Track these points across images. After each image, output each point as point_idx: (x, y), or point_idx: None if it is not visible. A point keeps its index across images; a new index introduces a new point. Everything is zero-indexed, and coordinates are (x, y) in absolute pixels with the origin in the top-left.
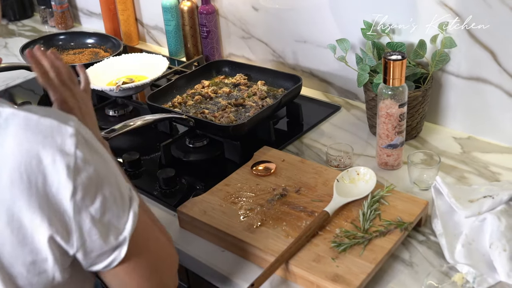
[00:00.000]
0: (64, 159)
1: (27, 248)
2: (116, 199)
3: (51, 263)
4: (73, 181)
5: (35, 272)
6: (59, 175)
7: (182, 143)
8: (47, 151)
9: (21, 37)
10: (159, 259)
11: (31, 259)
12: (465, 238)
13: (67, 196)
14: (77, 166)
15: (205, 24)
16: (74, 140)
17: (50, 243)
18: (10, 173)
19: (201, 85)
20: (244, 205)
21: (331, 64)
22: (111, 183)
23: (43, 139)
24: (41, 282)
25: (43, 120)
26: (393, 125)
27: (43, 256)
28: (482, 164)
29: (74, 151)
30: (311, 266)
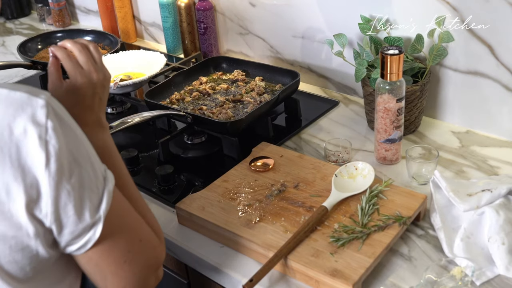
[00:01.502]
0: (36, 129)
1: (6, 222)
2: (90, 176)
3: (32, 237)
4: (45, 150)
5: (17, 248)
6: (31, 145)
7: (180, 140)
8: (18, 122)
9: (18, 35)
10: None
11: (11, 234)
12: (464, 232)
13: (41, 166)
14: (49, 135)
15: (202, 21)
16: (45, 111)
17: (28, 216)
18: None
19: (199, 81)
20: (242, 201)
21: (329, 60)
22: (84, 160)
23: (13, 111)
24: (26, 258)
25: (13, 94)
26: (391, 120)
27: (24, 230)
28: (480, 158)
29: (45, 121)
30: (309, 261)
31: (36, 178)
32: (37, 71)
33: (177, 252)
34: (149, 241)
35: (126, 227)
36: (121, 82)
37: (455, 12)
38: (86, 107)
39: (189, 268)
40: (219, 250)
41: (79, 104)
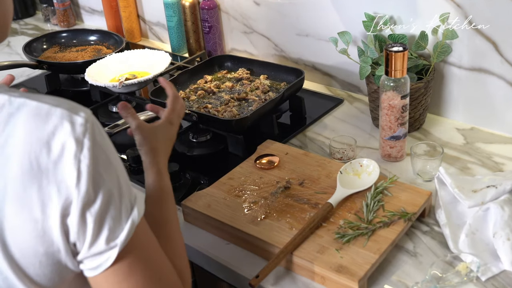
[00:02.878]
0: (72, 147)
1: (39, 239)
2: (116, 202)
3: (63, 253)
4: (77, 169)
5: (48, 263)
6: (67, 162)
7: (185, 138)
8: (57, 139)
9: (23, 35)
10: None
11: (43, 250)
12: (469, 228)
13: (73, 184)
14: (83, 154)
15: (207, 20)
16: (83, 129)
17: (61, 232)
18: (20, 161)
19: (204, 80)
20: (248, 198)
21: (333, 57)
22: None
23: (53, 128)
24: (55, 271)
25: (53, 110)
26: (395, 117)
27: (55, 247)
28: (485, 155)
29: (82, 139)
30: (315, 257)
31: (69, 195)
32: (43, 71)
33: None
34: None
35: (145, 262)
36: (126, 81)
37: (459, 9)
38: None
39: (195, 265)
40: (225, 247)
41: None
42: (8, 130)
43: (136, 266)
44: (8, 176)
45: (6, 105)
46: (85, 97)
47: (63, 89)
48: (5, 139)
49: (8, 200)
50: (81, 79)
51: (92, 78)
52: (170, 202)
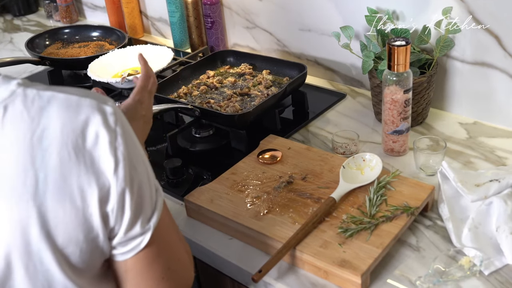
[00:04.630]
0: (107, 135)
1: (79, 227)
2: (146, 186)
3: (102, 239)
4: (114, 155)
5: (88, 249)
6: (103, 150)
7: (188, 133)
8: (91, 128)
9: (26, 32)
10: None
11: (83, 237)
12: (472, 222)
13: (111, 171)
14: (118, 142)
15: (209, 15)
16: (114, 118)
17: (101, 219)
18: (58, 152)
19: (206, 75)
20: (251, 193)
21: (336, 52)
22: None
23: (85, 117)
24: (95, 257)
25: (83, 100)
26: (398, 111)
27: (95, 233)
28: (488, 149)
29: (115, 127)
30: (318, 252)
31: (108, 181)
32: (45, 67)
33: None
34: (185, 262)
35: (169, 243)
36: (128, 76)
37: (462, 3)
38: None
39: (198, 260)
40: (227, 242)
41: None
42: (43, 123)
43: (164, 247)
44: (48, 168)
45: (36, 99)
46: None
47: (66, 85)
48: (41, 132)
49: (50, 192)
50: (83, 75)
51: (94, 74)
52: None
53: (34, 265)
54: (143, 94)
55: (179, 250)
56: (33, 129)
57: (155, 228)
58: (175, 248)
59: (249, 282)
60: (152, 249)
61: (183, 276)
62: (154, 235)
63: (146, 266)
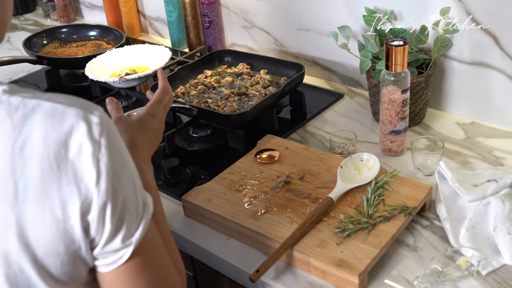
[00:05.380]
0: (90, 146)
1: (61, 239)
2: (132, 200)
3: (84, 251)
4: (97, 167)
5: (69, 261)
6: (85, 162)
7: (185, 133)
8: (74, 139)
9: (24, 31)
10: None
11: (64, 249)
12: (469, 222)
13: (93, 183)
14: (102, 153)
15: (207, 14)
16: (100, 128)
17: (83, 230)
18: (40, 163)
19: (204, 75)
20: (248, 193)
21: (334, 52)
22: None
23: (69, 127)
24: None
25: (68, 109)
26: (396, 111)
27: (77, 245)
28: (486, 149)
29: (99, 138)
30: (315, 251)
31: (89, 193)
32: (43, 66)
33: (183, 245)
34: (173, 279)
35: (155, 259)
36: (126, 76)
37: (459, 3)
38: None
39: (195, 260)
40: (225, 242)
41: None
42: (25, 132)
43: (147, 263)
44: (28, 178)
45: (20, 107)
46: (85, 92)
47: (63, 84)
48: (23, 141)
49: (29, 202)
50: (81, 74)
51: (92, 74)
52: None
53: (14, 273)
54: (158, 108)
55: (165, 266)
56: (15, 138)
57: (138, 243)
58: (161, 264)
59: (247, 282)
60: (135, 264)
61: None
62: (137, 250)
63: (127, 280)
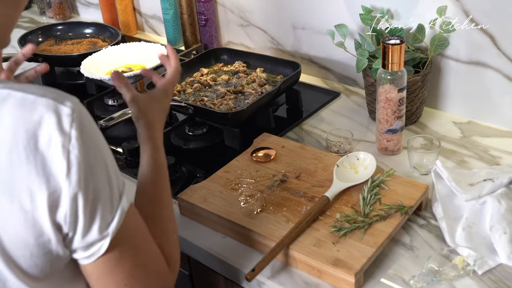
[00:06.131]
0: (60, 137)
1: (29, 230)
2: (106, 191)
3: (54, 243)
4: (67, 159)
5: (39, 253)
6: (55, 153)
7: (181, 131)
8: (44, 130)
9: (19, 28)
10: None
11: (34, 241)
12: (466, 221)
13: (63, 175)
14: (72, 145)
15: (203, 12)
16: (70, 119)
17: (51, 223)
18: (9, 153)
19: (200, 73)
20: (244, 192)
21: (330, 51)
22: (102, 173)
23: (39, 118)
24: (47, 261)
25: (40, 100)
26: (392, 110)
27: (46, 237)
28: (482, 148)
29: (70, 129)
30: (311, 251)
31: (58, 185)
32: (38, 64)
33: None
34: (157, 269)
35: (134, 249)
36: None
37: (456, 2)
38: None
39: (191, 259)
40: (221, 241)
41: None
42: None
43: (126, 253)
44: None
45: None
46: (80, 90)
47: (59, 82)
48: None
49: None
50: (76, 72)
51: (87, 71)
52: (165, 180)
53: None
54: (170, 87)
55: (148, 257)
56: None
57: (115, 233)
58: (142, 256)
59: (243, 281)
60: (114, 255)
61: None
62: (115, 241)
63: (108, 272)
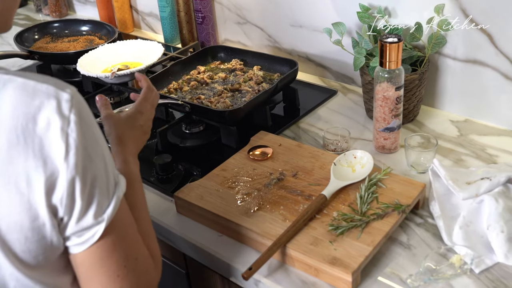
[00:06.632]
0: (59, 121)
1: (24, 213)
2: (102, 177)
3: (48, 228)
4: (65, 142)
5: (34, 238)
6: (53, 136)
7: (178, 129)
8: (42, 114)
9: (15, 25)
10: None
11: (29, 224)
12: (463, 220)
13: (61, 157)
14: (71, 128)
15: (200, 10)
16: (69, 104)
17: (47, 206)
18: (7, 135)
19: (197, 71)
20: (241, 190)
21: (327, 49)
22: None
23: (39, 102)
24: (40, 248)
25: (40, 86)
26: (390, 108)
27: (41, 221)
28: (479, 147)
29: (69, 114)
30: (309, 249)
31: (56, 168)
32: (34, 61)
33: (175, 242)
34: (145, 263)
35: (127, 241)
36: (118, 71)
37: (454, 0)
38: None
39: (187, 257)
40: (217, 239)
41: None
42: None
43: (119, 243)
44: None
45: None
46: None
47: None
48: None
49: None
50: (73, 69)
51: (84, 69)
52: (137, 188)
53: None
54: (145, 105)
55: (137, 248)
56: None
57: (110, 220)
58: (133, 247)
59: (239, 280)
60: (107, 243)
61: (142, 277)
62: (109, 229)
63: (100, 261)
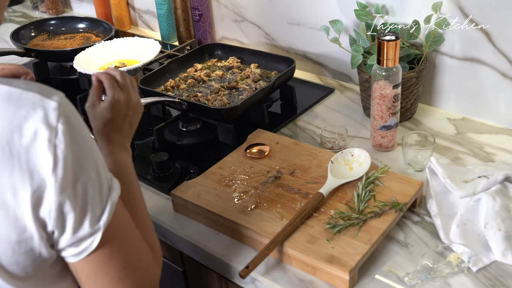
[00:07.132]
0: (46, 132)
1: (11, 226)
2: (95, 184)
3: (36, 241)
4: (53, 154)
5: (21, 251)
6: (40, 148)
7: (175, 127)
8: (29, 124)
9: (11, 23)
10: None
11: (16, 237)
12: (460, 218)
13: (49, 170)
14: (58, 139)
15: (197, 8)
16: (57, 113)
17: (34, 219)
18: None
19: (194, 68)
20: (238, 188)
21: (325, 46)
22: (91, 166)
23: (25, 112)
24: (29, 260)
25: (25, 94)
26: (387, 106)
27: (28, 234)
28: (476, 145)
29: (56, 124)
30: (306, 247)
31: (43, 181)
32: (31, 59)
33: (172, 240)
34: (145, 259)
35: (125, 241)
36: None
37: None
38: (115, 127)
39: (184, 255)
40: (214, 237)
41: (110, 123)
42: None
43: (118, 247)
44: None
45: None
46: (73, 85)
47: (52, 77)
48: None
49: None
50: (69, 67)
51: (80, 66)
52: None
53: None
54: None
55: (138, 248)
56: None
57: (106, 227)
58: (133, 247)
59: (236, 278)
60: (106, 249)
61: (144, 275)
62: (106, 234)
63: (100, 267)
